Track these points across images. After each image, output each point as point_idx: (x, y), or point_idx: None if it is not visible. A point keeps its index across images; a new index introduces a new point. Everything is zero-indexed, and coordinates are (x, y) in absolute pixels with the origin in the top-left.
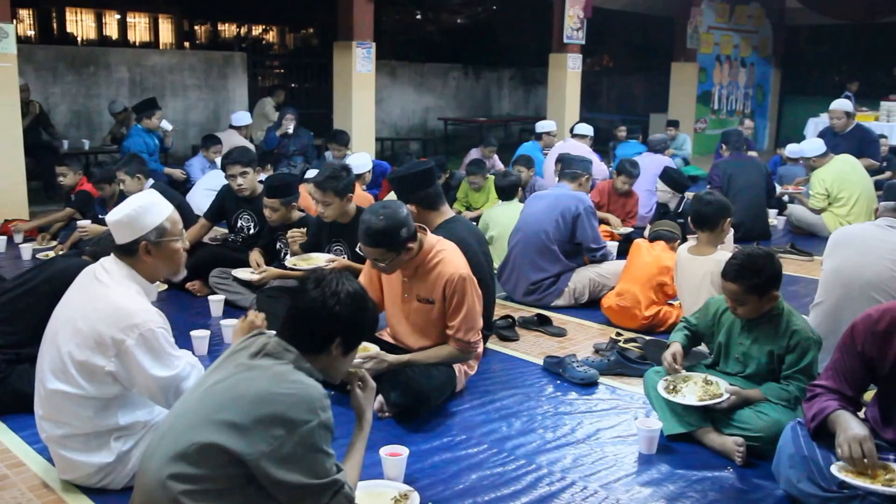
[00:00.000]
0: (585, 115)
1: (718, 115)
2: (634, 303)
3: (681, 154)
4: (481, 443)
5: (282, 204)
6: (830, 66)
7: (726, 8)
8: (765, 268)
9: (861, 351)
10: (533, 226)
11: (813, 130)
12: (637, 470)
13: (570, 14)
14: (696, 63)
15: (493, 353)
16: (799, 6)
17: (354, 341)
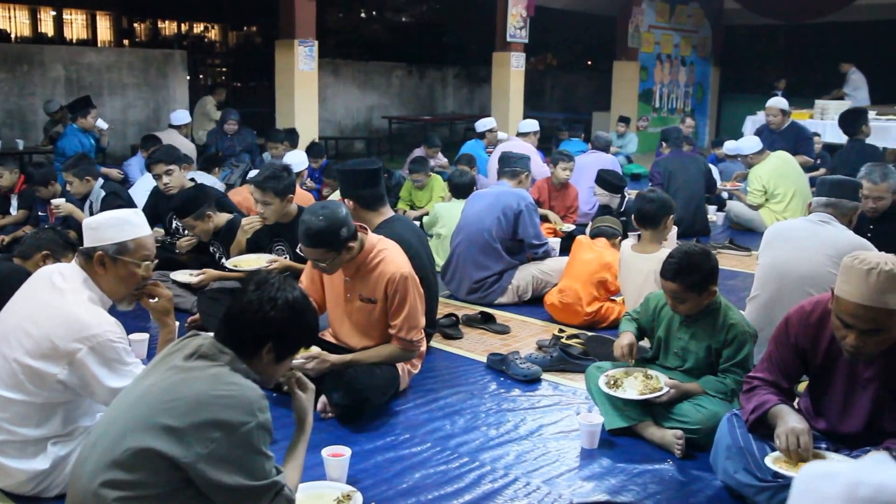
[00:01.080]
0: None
1: (660, 113)
2: (576, 299)
3: (625, 152)
4: (425, 441)
5: (195, 219)
6: (768, 65)
7: (666, 8)
8: (702, 265)
9: (794, 343)
10: (475, 224)
11: (751, 128)
12: (579, 465)
13: (513, 13)
14: (637, 62)
15: (436, 352)
16: (737, 6)
17: (287, 349)
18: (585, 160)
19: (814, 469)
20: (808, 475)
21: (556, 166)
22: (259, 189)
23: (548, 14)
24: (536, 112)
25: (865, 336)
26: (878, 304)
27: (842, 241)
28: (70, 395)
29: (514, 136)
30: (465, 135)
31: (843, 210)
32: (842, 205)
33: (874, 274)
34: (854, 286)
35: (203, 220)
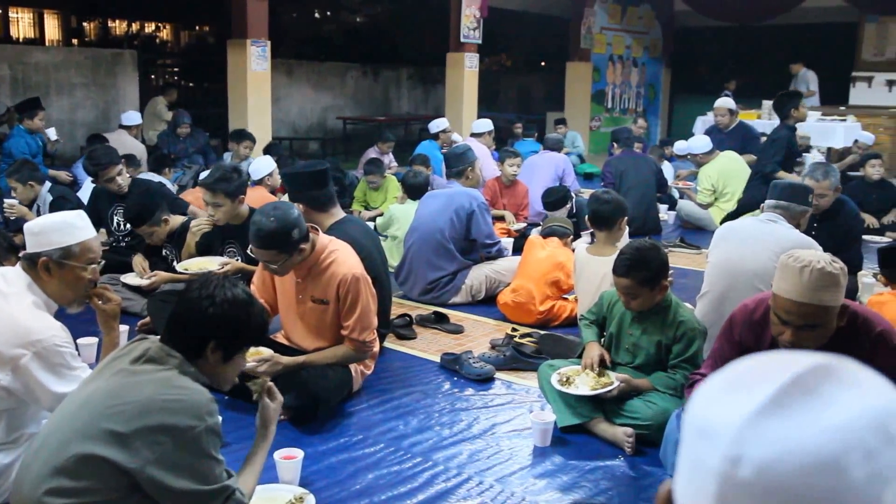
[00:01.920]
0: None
1: (612, 114)
2: (529, 298)
3: (575, 151)
4: (378, 442)
5: (151, 226)
6: (718, 66)
7: (618, 9)
8: (653, 259)
9: (739, 340)
10: (428, 224)
11: (701, 128)
12: (532, 462)
13: (466, 14)
14: (590, 63)
15: (390, 352)
16: (687, 9)
17: (233, 347)
18: (538, 160)
19: (696, 419)
20: (690, 426)
21: (504, 163)
22: (209, 191)
23: (501, 15)
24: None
25: (801, 332)
26: (812, 301)
27: (789, 238)
28: (14, 402)
29: (469, 137)
30: (420, 135)
31: (792, 213)
32: (792, 208)
33: (808, 271)
34: (789, 283)
35: (160, 226)
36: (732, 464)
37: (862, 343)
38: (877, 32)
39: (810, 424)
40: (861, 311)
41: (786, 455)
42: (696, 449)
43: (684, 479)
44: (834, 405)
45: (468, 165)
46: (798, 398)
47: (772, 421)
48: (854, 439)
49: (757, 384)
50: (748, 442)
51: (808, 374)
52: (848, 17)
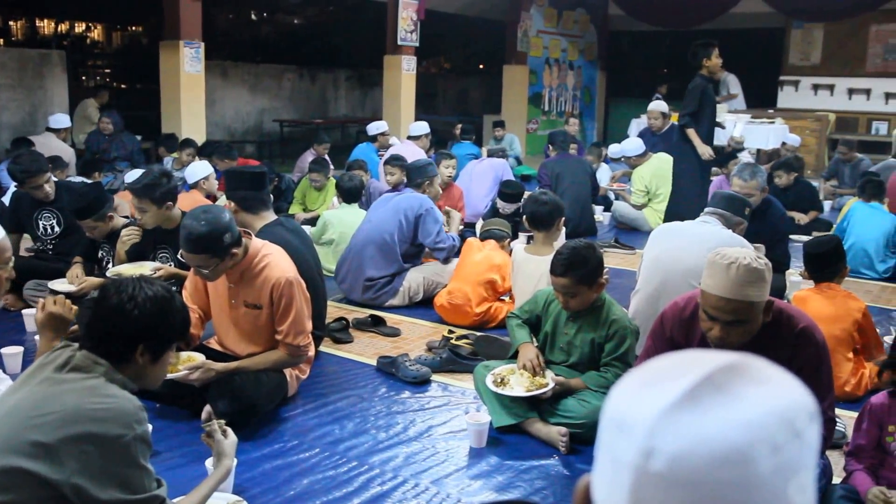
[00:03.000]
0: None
1: (549, 116)
2: (465, 300)
3: (512, 154)
4: (313, 447)
5: (96, 220)
6: (651, 69)
7: (554, 13)
8: (590, 258)
9: (670, 337)
10: (377, 224)
11: (635, 130)
12: (467, 464)
13: (403, 16)
14: (526, 66)
15: (326, 356)
16: (621, 13)
17: (160, 347)
18: (479, 167)
19: (614, 412)
20: (607, 419)
21: (440, 165)
22: (135, 195)
23: (439, 18)
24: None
25: (729, 328)
26: (738, 297)
27: (721, 236)
28: None
29: (406, 140)
30: (358, 138)
31: (729, 222)
32: (728, 217)
33: (734, 268)
34: (716, 280)
35: (104, 222)
36: (646, 456)
37: (786, 339)
38: (802, 38)
39: (720, 419)
40: (785, 308)
41: (696, 447)
42: (613, 443)
43: (601, 473)
44: (743, 401)
45: (427, 179)
46: (709, 394)
47: (684, 415)
48: (761, 433)
49: (671, 380)
50: (661, 435)
51: (720, 371)
52: (775, 23)
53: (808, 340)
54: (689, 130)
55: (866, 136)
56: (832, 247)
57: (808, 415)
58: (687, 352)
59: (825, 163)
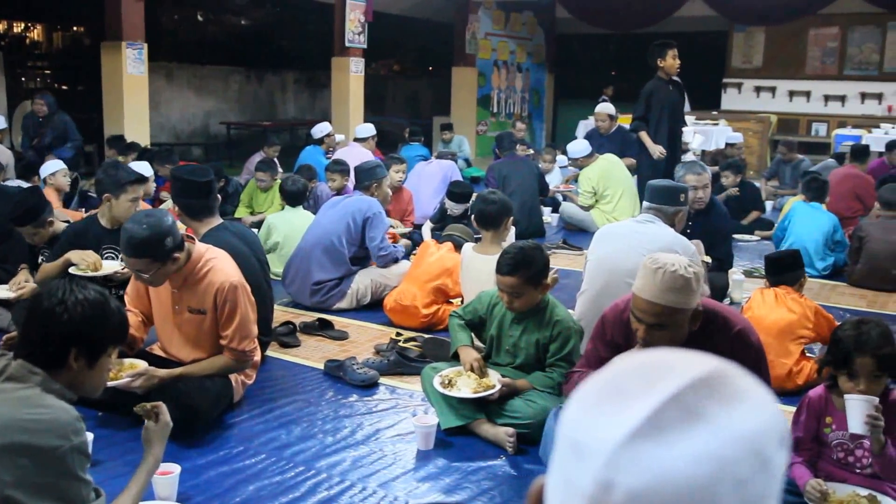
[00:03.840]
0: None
1: (498, 118)
2: (413, 302)
3: (462, 156)
4: (259, 453)
5: (36, 227)
6: (599, 71)
7: (502, 15)
8: (537, 258)
9: (611, 338)
10: (325, 227)
11: (583, 132)
12: (415, 466)
13: (351, 18)
14: (475, 68)
15: (273, 361)
16: (569, 16)
17: (94, 350)
18: (428, 169)
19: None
20: (564, 437)
21: (390, 170)
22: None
23: (387, 20)
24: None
25: (652, 331)
26: (661, 301)
27: (663, 238)
28: None
29: (353, 142)
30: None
31: (666, 214)
32: (664, 209)
33: (660, 273)
34: (643, 283)
35: (45, 228)
36: (604, 489)
37: (722, 341)
38: (744, 41)
39: (685, 451)
40: (721, 311)
41: (658, 484)
42: (569, 465)
43: (555, 488)
44: (710, 427)
45: (375, 181)
46: (675, 419)
47: (646, 445)
48: (727, 467)
49: (635, 398)
50: (621, 467)
51: (689, 389)
52: (718, 26)
53: (744, 343)
54: (640, 133)
55: (806, 138)
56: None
57: (778, 439)
58: (652, 354)
59: (767, 163)
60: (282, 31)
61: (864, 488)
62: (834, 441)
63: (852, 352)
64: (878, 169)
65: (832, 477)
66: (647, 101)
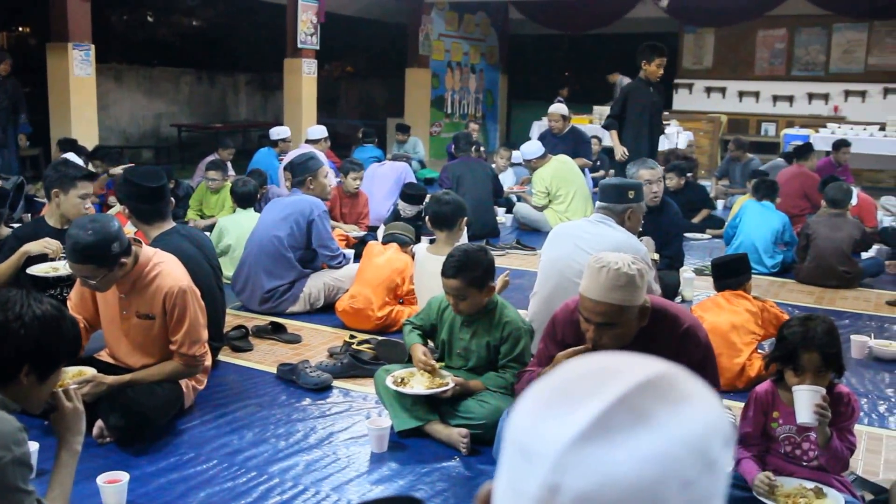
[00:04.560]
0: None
1: (452, 119)
2: (367, 304)
3: (416, 157)
4: (210, 459)
5: None
6: (552, 72)
7: (455, 17)
8: (481, 260)
9: (561, 339)
10: (269, 231)
11: (537, 132)
12: (368, 469)
13: (303, 19)
14: (429, 69)
15: (225, 365)
16: (521, 17)
17: (47, 368)
18: (381, 170)
19: (519, 433)
20: (512, 440)
21: (347, 176)
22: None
23: (340, 21)
24: (332, 118)
25: (601, 330)
26: (606, 300)
27: (613, 239)
28: None
29: (303, 144)
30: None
31: (616, 211)
32: (613, 207)
33: (605, 271)
34: (589, 282)
35: None
36: (551, 492)
37: (670, 339)
38: (695, 42)
39: (631, 453)
40: (671, 309)
41: (604, 486)
42: (515, 468)
43: (503, 492)
44: (657, 428)
45: (309, 174)
46: (621, 421)
47: (593, 447)
48: (673, 468)
49: (582, 401)
50: (568, 470)
51: (636, 392)
52: (669, 28)
53: (692, 340)
54: (610, 132)
55: (756, 137)
56: (736, 257)
57: (723, 440)
58: (599, 357)
59: (718, 163)
60: (233, 32)
61: (811, 481)
62: (781, 435)
63: (799, 348)
64: (825, 167)
65: (780, 470)
66: (624, 100)
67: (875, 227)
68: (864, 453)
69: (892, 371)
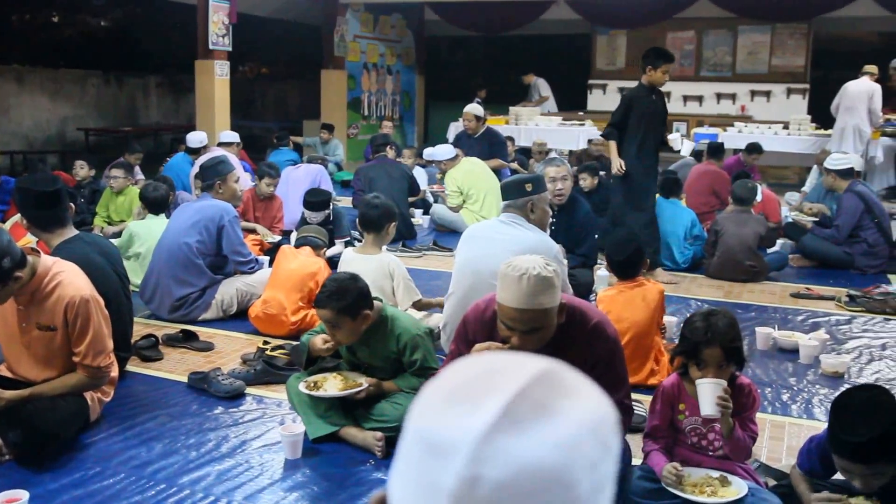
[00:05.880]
0: (239, 123)
1: (369, 121)
2: (281, 309)
3: (334, 159)
4: (118, 473)
5: None
6: (469, 73)
7: (370, 18)
8: (351, 290)
9: (473, 339)
10: (177, 238)
11: (454, 133)
12: (282, 476)
13: (214, 20)
14: (344, 70)
15: (133, 376)
16: (437, 18)
17: None
18: (296, 173)
19: (427, 433)
20: (419, 440)
21: (262, 181)
22: None
23: (252, 22)
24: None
25: (527, 336)
26: (532, 307)
27: (524, 240)
28: None
29: (215, 147)
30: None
31: (519, 206)
32: (514, 203)
33: (525, 279)
34: (509, 292)
35: None
36: (470, 484)
37: (580, 335)
38: (608, 44)
39: (542, 440)
40: (578, 305)
41: (521, 474)
42: (424, 465)
43: (412, 493)
44: (560, 417)
45: (219, 178)
46: (527, 412)
47: (505, 438)
48: (581, 451)
49: (484, 397)
50: (484, 461)
51: (533, 385)
52: (582, 29)
53: (600, 335)
54: (609, 141)
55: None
56: (633, 250)
57: (612, 426)
58: (486, 357)
59: None
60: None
61: (717, 470)
62: (688, 427)
63: (701, 343)
64: (733, 165)
65: (688, 461)
66: (627, 109)
67: (779, 223)
68: (767, 441)
69: (795, 360)
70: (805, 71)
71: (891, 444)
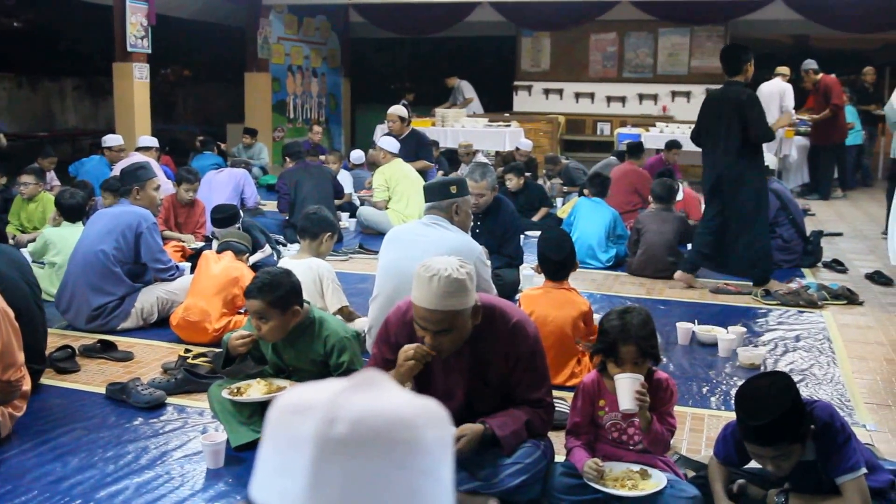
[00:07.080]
0: (161, 127)
1: (295, 124)
2: (203, 316)
3: (258, 163)
4: (31, 490)
5: None
6: (394, 76)
7: (294, 20)
8: (283, 283)
9: (395, 341)
10: (93, 246)
11: (380, 135)
12: (204, 486)
13: (132, 22)
14: (268, 73)
15: (48, 389)
16: (362, 20)
17: None
18: (219, 177)
19: (288, 402)
20: (281, 409)
21: (180, 186)
22: None
23: (174, 23)
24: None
25: (440, 336)
26: (443, 308)
27: (448, 241)
28: None
29: (134, 152)
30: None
31: (443, 208)
32: (438, 205)
33: (436, 280)
34: (421, 293)
35: None
36: (329, 424)
37: (501, 334)
38: (532, 46)
39: (389, 397)
40: (498, 304)
41: (374, 413)
42: (287, 427)
43: (271, 464)
44: (394, 393)
45: (137, 184)
46: (369, 386)
47: (358, 394)
48: (418, 413)
49: (324, 386)
50: (342, 406)
51: (361, 379)
52: (507, 31)
53: (521, 333)
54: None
55: (592, 136)
56: (568, 251)
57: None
58: (292, 394)
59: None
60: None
61: (638, 464)
62: (608, 422)
63: (617, 340)
64: (654, 164)
65: (609, 456)
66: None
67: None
68: (688, 433)
69: (714, 354)
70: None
71: (791, 423)
